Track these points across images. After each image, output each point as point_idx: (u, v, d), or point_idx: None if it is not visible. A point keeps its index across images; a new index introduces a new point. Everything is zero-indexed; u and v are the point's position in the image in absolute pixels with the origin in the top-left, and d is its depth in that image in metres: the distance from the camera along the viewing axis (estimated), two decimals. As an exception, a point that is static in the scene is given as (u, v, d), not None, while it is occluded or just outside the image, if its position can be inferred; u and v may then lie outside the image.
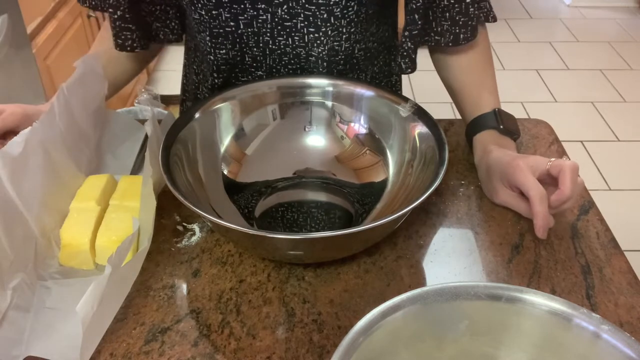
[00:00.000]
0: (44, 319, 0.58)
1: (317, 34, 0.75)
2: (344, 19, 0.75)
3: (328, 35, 0.76)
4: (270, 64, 0.79)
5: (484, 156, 0.73)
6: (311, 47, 0.77)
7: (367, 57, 0.83)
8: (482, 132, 0.76)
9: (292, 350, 0.55)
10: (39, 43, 1.48)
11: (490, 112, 0.76)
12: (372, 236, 0.61)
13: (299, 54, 0.77)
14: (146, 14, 0.81)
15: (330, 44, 0.77)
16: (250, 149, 0.75)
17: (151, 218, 0.63)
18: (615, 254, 0.65)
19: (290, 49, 0.77)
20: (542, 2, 3.42)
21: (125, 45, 0.80)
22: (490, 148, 0.73)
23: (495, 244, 0.66)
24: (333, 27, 0.75)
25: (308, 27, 0.75)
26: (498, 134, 0.75)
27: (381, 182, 0.72)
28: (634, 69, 2.75)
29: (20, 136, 0.61)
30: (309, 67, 0.79)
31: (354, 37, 0.78)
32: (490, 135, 0.75)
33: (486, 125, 0.76)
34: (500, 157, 0.70)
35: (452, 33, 0.76)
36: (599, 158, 2.19)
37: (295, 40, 0.76)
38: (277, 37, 0.76)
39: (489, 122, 0.76)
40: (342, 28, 0.76)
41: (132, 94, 2.16)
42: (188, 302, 0.60)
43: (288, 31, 0.75)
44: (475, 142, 0.77)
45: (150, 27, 0.83)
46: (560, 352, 0.45)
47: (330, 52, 0.78)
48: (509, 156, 0.69)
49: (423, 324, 0.46)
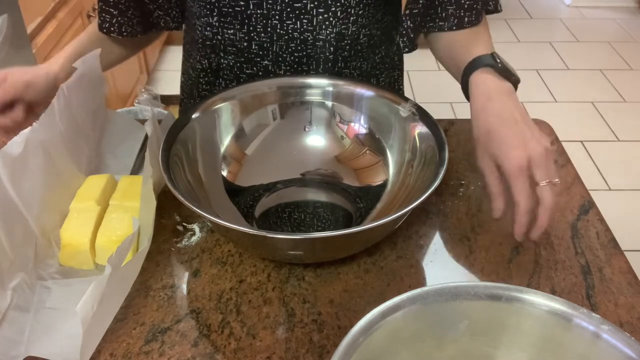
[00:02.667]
0: (44, 319, 0.58)
1: (326, 14, 0.76)
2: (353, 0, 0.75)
3: (337, 17, 0.76)
4: (276, 51, 0.79)
5: (486, 105, 0.66)
6: (319, 31, 0.77)
7: (370, 45, 0.82)
8: (478, 71, 0.68)
9: (292, 350, 0.55)
10: (39, 43, 1.48)
11: (487, 54, 0.69)
12: (372, 236, 0.61)
13: (306, 39, 0.77)
14: (149, 1, 0.82)
15: (338, 27, 0.77)
16: (250, 149, 0.75)
17: (151, 218, 0.63)
18: (615, 254, 0.65)
19: (297, 33, 0.77)
20: (542, 2, 3.42)
21: (102, 27, 0.81)
22: (493, 97, 0.66)
23: (495, 244, 0.66)
24: (343, 7, 0.75)
25: (317, 7, 0.75)
26: (496, 77, 0.68)
27: (381, 182, 0.72)
28: (634, 69, 2.75)
29: (20, 136, 0.61)
30: (316, 53, 0.79)
31: (361, 20, 0.78)
32: (488, 76, 0.68)
33: (482, 63, 0.68)
34: (500, 125, 0.63)
35: (456, 17, 0.74)
36: (599, 158, 2.18)
37: (304, 24, 0.76)
38: (285, 21, 0.76)
39: (485, 60, 0.69)
40: (351, 9, 0.76)
41: (132, 94, 2.16)
42: (188, 302, 0.60)
43: (297, 13, 0.75)
44: (472, 85, 0.69)
45: (147, 17, 0.83)
46: (560, 352, 0.45)
47: (337, 35, 0.78)
48: (512, 133, 0.62)
49: (423, 324, 0.46)
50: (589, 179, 2.05)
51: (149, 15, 0.84)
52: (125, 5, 0.80)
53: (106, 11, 0.80)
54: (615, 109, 2.47)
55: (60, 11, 1.63)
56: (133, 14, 0.81)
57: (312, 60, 0.80)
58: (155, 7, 0.83)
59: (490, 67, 0.68)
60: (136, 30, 0.83)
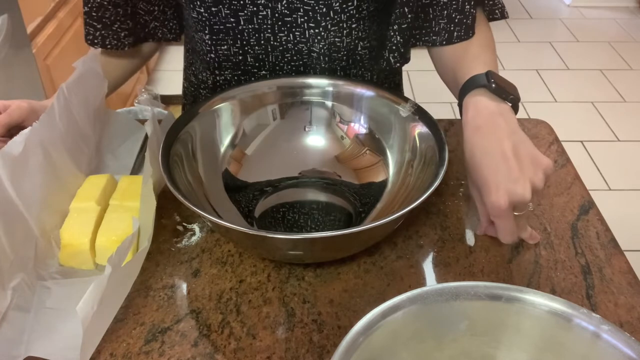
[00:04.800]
0: (44, 319, 0.57)
1: (317, 29, 0.75)
2: (343, 14, 0.75)
3: (328, 30, 0.76)
4: (272, 61, 0.79)
5: (474, 137, 0.62)
6: (312, 43, 0.77)
7: (371, 56, 0.83)
8: (471, 93, 0.66)
9: (292, 350, 0.55)
10: (39, 43, 1.48)
11: (481, 74, 0.66)
12: (372, 236, 0.61)
13: (300, 50, 0.77)
14: (144, 13, 0.82)
15: (331, 39, 0.77)
16: (250, 149, 0.75)
17: (151, 218, 0.63)
18: (615, 254, 0.65)
19: (292, 45, 0.77)
20: (542, 2, 3.42)
21: (87, 38, 0.81)
22: (482, 125, 0.62)
23: (495, 244, 0.66)
24: (333, 21, 0.75)
25: (308, 22, 0.75)
26: (491, 99, 0.64)
27: (381, 182, 0.72)
28: (634, 69, 2.75)
29: (20, 136, 0.61)
30: (312, 63, 0.79)
31: (355, 33, 0.78)
32: (481, 99, 0.64)
33: (475, 84, 0.65)
34: (485, 162, 0.60)
35: (447, 31, 0.75)
36: (599, 158, 2.19)
37: (297, 36, 0.76)
38: (278, 33, 0.76)
39: (479, 80, 0.65)
40: (343, 23, 0.76)
41: (132, 94, 2.16)
42: (188, 302, 0.60)
43: (289, 27, 0.75)
44: (464, 109, 0.66)
45: (141, 28, 0.83)
46: (560, 352, 0.45)
47: (331, 47, 0.77)
48: (494, 174, 0.59)
49: (423, 324, 0.46)
50: (589, 179, 2.05)
51: (143, 26, 0.83)
52: (110, 20, 0.79)
53: (89, 24, 0.80)
54: (615, 109, 2.47)
55: (60, 11, 1.63)
56: (120, 27, 0.80)
57: (310, 69, 0.80)
58: (150, 18, 0.83)
59: (484, 88, 0.65)
60: (124, 42, 0.82)
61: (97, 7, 0.78)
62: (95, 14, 0.79)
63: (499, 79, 0.66)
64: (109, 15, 0.79)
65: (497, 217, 0.59)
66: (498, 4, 0.78)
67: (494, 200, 0.58)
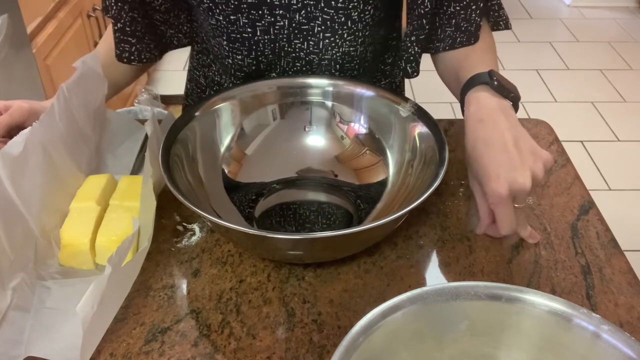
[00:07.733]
0: (44, 319, 0.57)
1: (333, 37, 0.75)
2: (360, 23, 0.75)
3: (344, 39, 0.76)
4: (283, 66, 0.79)
5: (477, 128, 0.64)
6: (325, 52, 0.77)
7: (374, 59, 0.83)
8: (474, 90, 0.67)
9: (292, 350, 0.55)
10: (39, 43, 1.48)
11: (484, 72, 0.68)
12: (372, 236, 0.61)
13: (311, 60, 0.78)
14: (160, 23, 0.81)
15: (345, 48, 0.77)
16: (250, 149, 0.75)
17: (151, 218, 0.63)
18: (615, 254, 0.65)
19: (304, 54, 0.77)
20: (542, 2, 3.42)
21: (122, 57, 0.80)
22: (484, 118, 0.63)
23: (495, 244, 0.66)
24: (350, 30, 0.75)
25: (325, 31, 0.75)
26: (492, 95, 0.65)
27: (381, 182, 0.72)
28: (634, 69, 2.75)
29: (20, 136, 0.61)
30: (320, 71, 0.79)
31: (368, 40, 0.78)
32: (483, 95, 0.66)
33: (478, 81, 0.67)
34: (486, 151, 0.61)
35: (451, 38, 0.76)
36: (599, 158, 2.19)
37: (310, 45, 0.76)
38: (293, 40, 0.76)
39: (482, 77, 0.67)
40: (359, 32, 0.76)
41: (132, 94, 2.16)
42: (188, 302, 0.60)
43: (305, 34, 0.75)
44: (466, 104, 0.68)
45: (160, 39, 0.82)
46: (560, 352, 0.45)
47: (344, 55, 0.78)
48: (495, 162, 0.60)
49: (423, 324, 0.46)
50: (589, 179, 2.05)
51: (162, 37, 0.83)
52: (141, 32, 0.79)
53: (124, 41, 0.78)
54: (615, 109, 2.47)
55: (60, 11, 1.63)
56: (150, 39, 0.80)
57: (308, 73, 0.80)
58: (166, 27, 0.82)
59: (486, 85, 0.66)
60: (154, 54, 0.82)
61: (130, 22, 0.77)
62: (129, 29, 0.77)
63: (501, 77, 0.67)
64: (141, 28, 0.78)
65: (497, 206, 0.60)
66: (503, 16, 0.79)
67: (494, 188, 0.59)
